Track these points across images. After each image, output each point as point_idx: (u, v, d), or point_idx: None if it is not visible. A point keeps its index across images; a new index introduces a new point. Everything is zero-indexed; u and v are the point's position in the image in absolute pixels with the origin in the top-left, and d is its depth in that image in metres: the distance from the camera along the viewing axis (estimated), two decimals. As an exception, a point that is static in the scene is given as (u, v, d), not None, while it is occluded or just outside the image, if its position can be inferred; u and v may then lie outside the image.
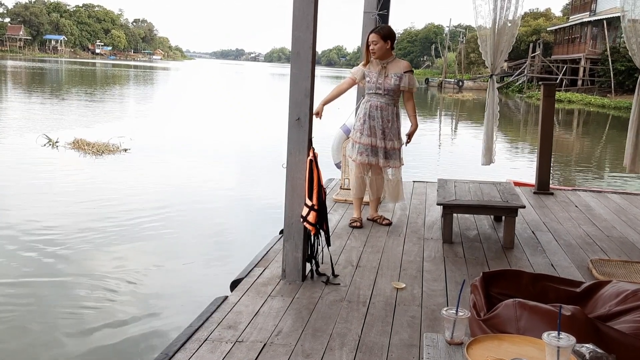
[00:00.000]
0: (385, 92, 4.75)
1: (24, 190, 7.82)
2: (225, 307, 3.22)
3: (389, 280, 3.72)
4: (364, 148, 4.81)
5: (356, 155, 4.85)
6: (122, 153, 10.83)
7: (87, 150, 10.73)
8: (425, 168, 10.32)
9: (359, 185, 4.97)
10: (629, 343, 2.02)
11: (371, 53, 4.72)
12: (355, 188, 5.00)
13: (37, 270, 4.95)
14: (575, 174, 11.53)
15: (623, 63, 32.43)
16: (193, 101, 26.23)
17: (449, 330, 1.92)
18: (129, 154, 10.84)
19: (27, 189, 7.92)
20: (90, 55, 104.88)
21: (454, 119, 25.07)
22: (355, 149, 4.86)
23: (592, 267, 4.00)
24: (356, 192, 5.01)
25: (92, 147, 10.87)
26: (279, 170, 3.87)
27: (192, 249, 5.75)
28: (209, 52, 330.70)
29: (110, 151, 10.82)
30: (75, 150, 10.80)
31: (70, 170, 9.24)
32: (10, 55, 79.83)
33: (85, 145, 11.03)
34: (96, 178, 8.78)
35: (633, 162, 5.54)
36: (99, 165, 9.80)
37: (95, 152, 10.66)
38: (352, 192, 5.11)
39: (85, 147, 10.89)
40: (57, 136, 11.68)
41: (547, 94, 6.48)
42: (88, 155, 10.51)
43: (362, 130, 4.80)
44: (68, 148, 10.98)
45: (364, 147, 4.81)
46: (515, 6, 5.25)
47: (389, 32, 4.74)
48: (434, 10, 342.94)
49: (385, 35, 4.68)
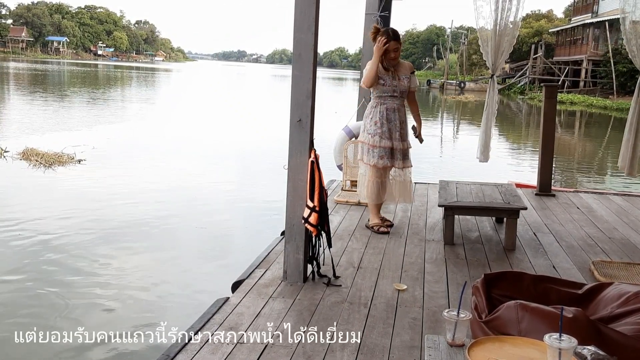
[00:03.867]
0: (400, 93, 4.79)
1: None
2: (226, 309, 3.22)
3: (390, 281, 3.72)
4: (384, 152, 4.75)
5: (377, 159, 4.74)
6: (75, 164, 9.66)
7: (36, 161, 9.56)
8: (427, 169, 10.31)
9: (378, 191, 4.81)
10: (630, 345, 2.01)
11: (392, 60, 4.72)
12: (374, 194, 4.80)
13: (35, 267, 4.95)
14: (577, 175, 11.52)
15: (625, 65, 32.37)
16: (192, 102, 26.25)
17: (450, 331, 1.91)
18: (83, 165, 9.70)
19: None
20: (92, 56, 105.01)
21: (456, 121, 25.06)
22: (375, 153, 4.75)
23: (594, 268, 3.99)
24: (376, 198, 4.83)
25: (42, 158, 9.68)
26: (280, 172, 3.87)
27: (192, 250, 5.76)
28: (211, 53, 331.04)
29: (61, 162, 9.64)
30: (24, 161, 9.64)
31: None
32: (12, 56, 79.95)
33: (34, 155, 9.80)
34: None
35: (632, 165, 5.50)
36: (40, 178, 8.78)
37: (44, 163, 9.51)
38: (369, 198, 4.85)
39: (33, 158, 9.69)
40: (8, 144, 10.58)
41: (549, 96, 6.48)
42: (35, 167, 9.35)
43: (382, 134, 4.74)
44: (17, 158, 9.80)
45: (385, 151, 4.75)
46: (516, 7, 5.27)
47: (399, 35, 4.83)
48: (435, 11, 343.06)
49: (401, 40, 4.78)
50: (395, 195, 4.99)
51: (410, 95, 4.92)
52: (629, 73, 32.15)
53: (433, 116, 25.94)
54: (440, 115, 27.10)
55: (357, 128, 6.18)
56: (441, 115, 27.18)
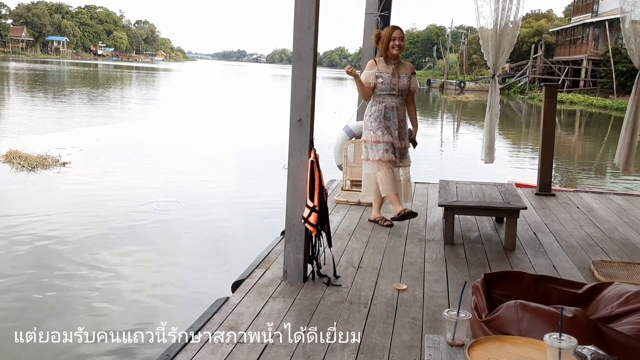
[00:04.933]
0: (399, 92, 4.80)
1: None
2: (226, 308, 3.22)
3: (390, 281, 3.72)
4: (388, 146, 4.78)
5: (382, 153, 4.76)
6: (59, 168, 9.23)
7: (18, 164, 9.17)
8: (427, 169, 10.31)
9: (392, 180, 4.78)
10: (630, 345, 2.01)
11: (396, 48, 4.72)
12: (388, 184, 4.75)
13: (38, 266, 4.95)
14: (577, 175, 11.52)
15: (625, 64, 32.34)
16: (191, 102, 26.22)
17: (451, 331, 1.91)
18: (68, 168, 9.29)
19: None
20: (92, 56, 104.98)
21: (456, 120, 25.05)
22: (380, 148, 4.77)
23: (594, 268, 3.99)
24: (391, 187, 4.77)
25: (25, 161, 9.29)
26: (280, 172, 3.86)
27: (192, 250, 5.75)
28: (211, 53, 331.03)
29: (45, 165, 9.24)
30: (7, 164, 9.25)
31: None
32: (12, 56, 79.93)
33: (17, 158, 9.41)
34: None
35: (627, 162, 5.53)
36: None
37: (27, 166, 9.15)
38: (386, 190, 4.78)
39: (15, 161, 9.29)
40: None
41: (549, 95, 6.48)
42: (18, 170, 8.96)
43: (382, 129, 4.77)
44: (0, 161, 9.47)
45: (388, 145, 4.78)
46: (516, 7, 5.28)
47: None
48: (435, 11, 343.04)
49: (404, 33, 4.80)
50: (396, 187, 5.00)
51: (409, 97, 4.92)
52: (629, 73, 32.10)
53: (433, 116, 25.94)
54: (440, 115, 27.09)
55: (357, 128, 6.19)
56: (441, 115, 27.17)
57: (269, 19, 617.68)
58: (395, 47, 4.71)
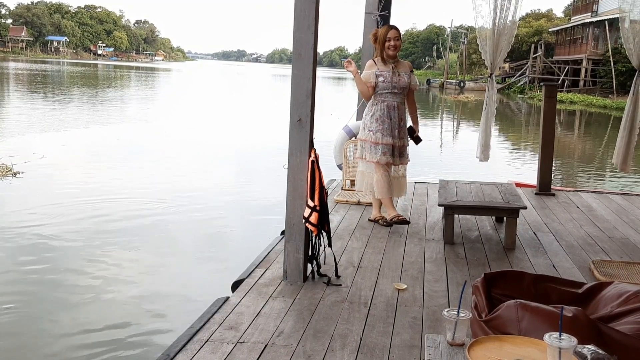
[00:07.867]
0: (400, 90, 4.81)
1: None
2: (226, 308, 3.22)
3: (390, 281, 3.72)
4: (386, 148, 4.80)
5: (380, 156, 4.79)
6: (10, 178, 8.42)
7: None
8: (427, 169, 10.31)
9: (387, 184, 4.84)
10: (630, 344, 2.01)
11: (392, 48, 4.73)
12: (384, 188, 4.82)
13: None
14: (576, 174, 11.52)
15: (625, 64, 32.34)
16: (191, 102, 26.21)
17: (451, 331, 1.91)
18: (19, 178, 8.46)
19: None
20: (92, 56, 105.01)
21: (455, 120, 25.05)
22: (379, 150, 4.79)
23: (594, 268, 3.99)
24: (387, 192, 4.84)
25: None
26: (280, 172, 3.87)
27: (192, 250, 5.75)
28: (211, 53, 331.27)
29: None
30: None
31: None
32: (12, 56, 79.87)
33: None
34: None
35: (625, 161, 5.54)
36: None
37: None
38: (381, 193, 4.85)
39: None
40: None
41: (549, 95, 6.48)
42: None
43: (383, 130, 4.78)
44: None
45: (387, 147, 4.80)
46: (515, 6, 5.28)
47: None
48: (435, 11, 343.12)
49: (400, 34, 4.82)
50: (391, 191, 5.01)
51: (410, 95, 4.93)
52: (629, 72, 32.10)
53: (433, 116, 25.94)
54: (440, 115, 27.09)
55: (357, 127, 6.18)
56: (441, 115, 27.17)
57: (268, 18, 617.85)
58: (391, 47, 4.73)
